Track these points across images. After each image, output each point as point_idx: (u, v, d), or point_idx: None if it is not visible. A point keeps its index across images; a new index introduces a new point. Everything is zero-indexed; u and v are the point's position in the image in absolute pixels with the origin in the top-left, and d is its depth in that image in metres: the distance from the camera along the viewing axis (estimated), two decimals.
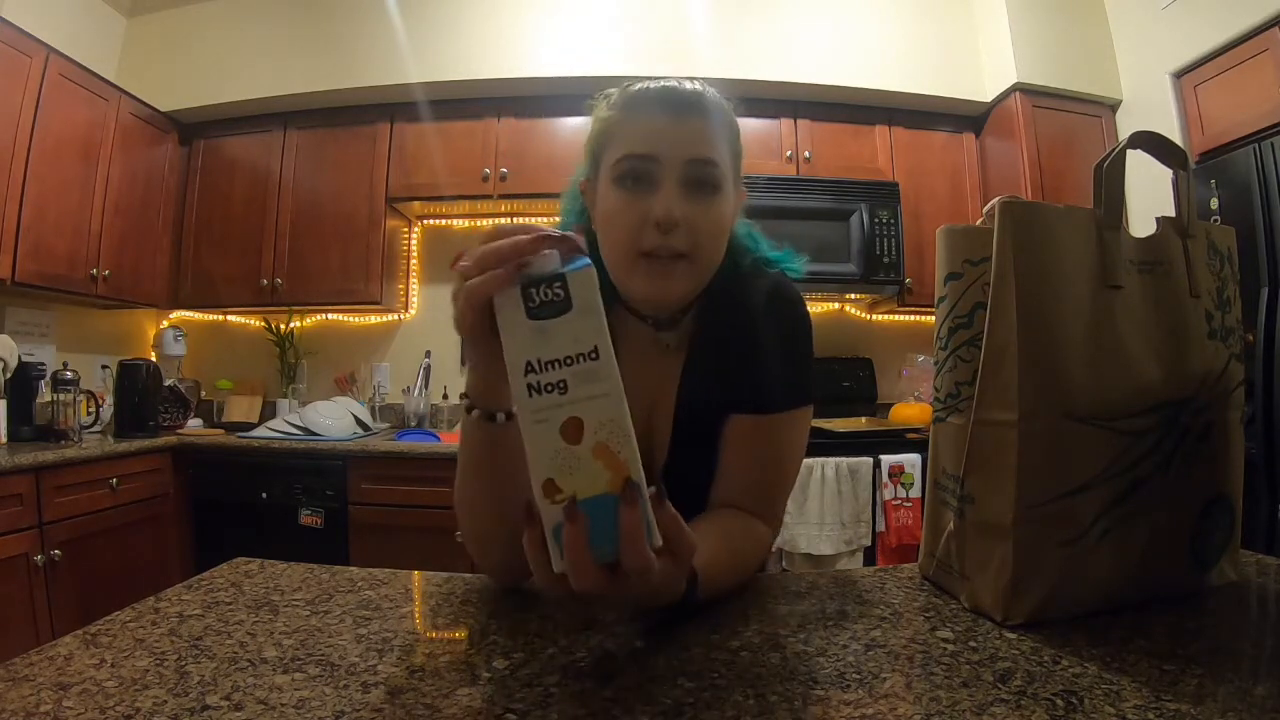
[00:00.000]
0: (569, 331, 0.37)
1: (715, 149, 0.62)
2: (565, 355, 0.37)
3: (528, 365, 0.37)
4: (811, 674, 0.41)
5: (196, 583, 0.58)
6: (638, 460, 0.38)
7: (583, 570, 0.38)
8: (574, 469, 0.37)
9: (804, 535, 2.02)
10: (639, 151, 0.61)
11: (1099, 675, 0.40)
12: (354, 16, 2.57)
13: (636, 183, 0.61)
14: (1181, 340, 0.54)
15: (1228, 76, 2.04)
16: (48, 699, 0.37)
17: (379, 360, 2.83)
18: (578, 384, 0.37)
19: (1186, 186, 0.56)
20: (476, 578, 0.61)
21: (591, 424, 0.37)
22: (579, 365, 0.37)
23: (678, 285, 0.62)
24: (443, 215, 2.80)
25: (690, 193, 0.61)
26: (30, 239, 2.03)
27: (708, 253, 0.63)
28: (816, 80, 2.51)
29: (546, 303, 0.38)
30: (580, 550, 0.38)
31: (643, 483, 0.38)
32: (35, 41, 2.06)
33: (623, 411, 0.38)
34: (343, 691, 0.39)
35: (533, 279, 0.38)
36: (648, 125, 0.61)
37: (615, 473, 0.38)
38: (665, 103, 0.62)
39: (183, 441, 2.27)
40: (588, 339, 0.37)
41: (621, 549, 0.38)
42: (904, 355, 2.68)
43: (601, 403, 0.37)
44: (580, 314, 0.38)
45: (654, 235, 0.60)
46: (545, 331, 0.37)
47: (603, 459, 0.37)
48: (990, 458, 0.51)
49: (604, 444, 0.37)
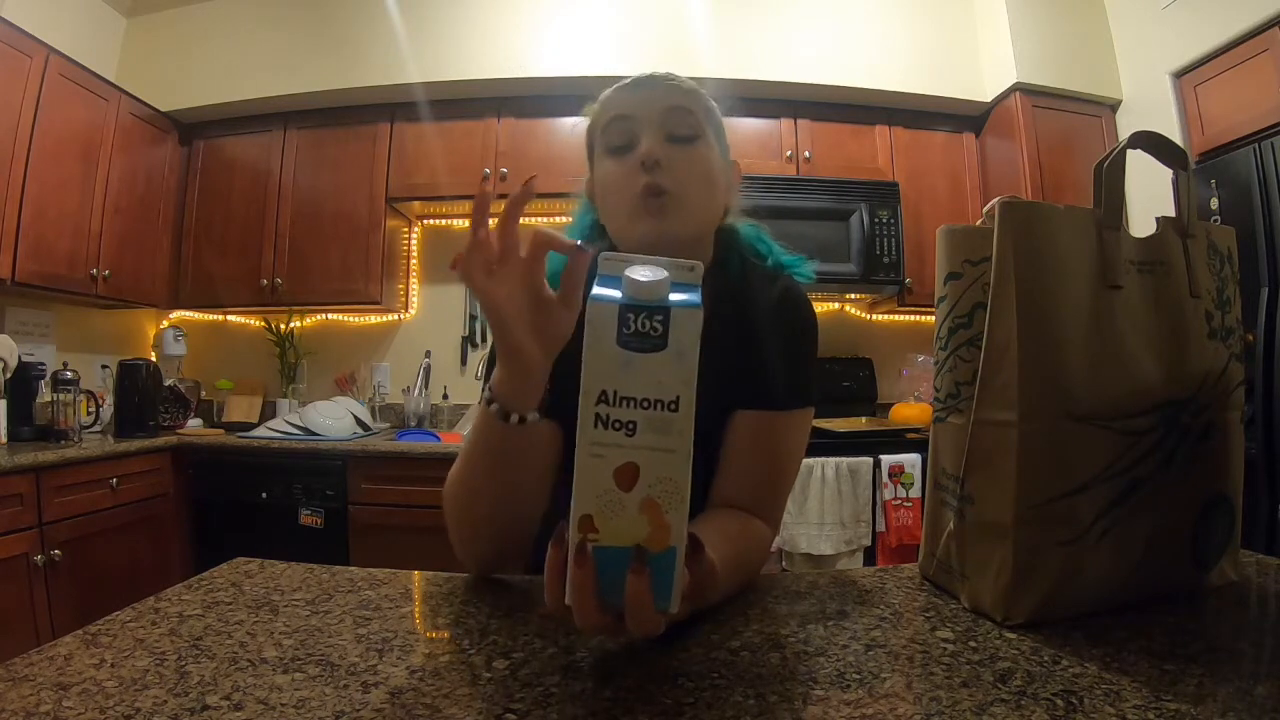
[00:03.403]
0: (656, 372, 0.34)
1: (688, 102, 0.67)
2: (644, 397, 0.35)
3: (602, 395, 0.35)
4: (811, 674, 0.41)
5: (196, 583, 0.58)
6: (683, 528, 0.36)
7: (586, 614, 0.38)
8: (616, 514, 0.35)
9: (804, 535, 2.02)
10: (617, 113, 0.67)
11: (1099, 675, 0.40)
12: (354, 16, 2.57)
13: (622, 149, 0.66)
14: (1181, 340, 0.54)
15: (1228, 76, 2.04)
16: (48, 699, 0.37)
17: (379, 360, 2.83)
18: (647, 431, 0.35)
19: (1186, 186, 0.56)
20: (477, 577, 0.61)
21: (649, 476, 0.35)
22: (655, 412, 0.34)
23: (670, 223, 0.64)
24: (443, 215, 2.80)
25: (671, 140, 0.65)
26: (30, 239, 2.03)
27: (694, 192, 0.65)
28: (816, 80, 2.51)
29: (642, 334, 0.34)
30: (585, 595, 0.37)
31: (681, 551, 0.37)
32: (35, 41, 2.06)
33: (684, 474, 0.35)
34: (343, 691, 0.39)
35: (635, 304, 0.35)
36: (622, 99, 0.68)
37: (656, 530, 0.36)
38: (637, 81, 0.68)
39: (183, 441, 2.27)
40: (673, 387, 0.34)
41: (626, 611, 0.37)
42: (904, 355, 2.68)
43: (666, 458, 0.35)
44: (674, 356, 0.34)
45: (642, 176, 0.64)
46: (631, 364, 0.34)
47: (648, 514, 0.35)
48: (990, 458, 0.51)
49: (654, 500, 0.35)
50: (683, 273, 0.37)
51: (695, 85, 0.69)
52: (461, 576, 0.61)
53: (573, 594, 0.38)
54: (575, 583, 0.37)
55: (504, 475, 0.55)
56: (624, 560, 0.36)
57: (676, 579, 0.37)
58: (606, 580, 0.37)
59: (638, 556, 0.36)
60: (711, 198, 0.68)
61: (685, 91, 0.67)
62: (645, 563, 0.36)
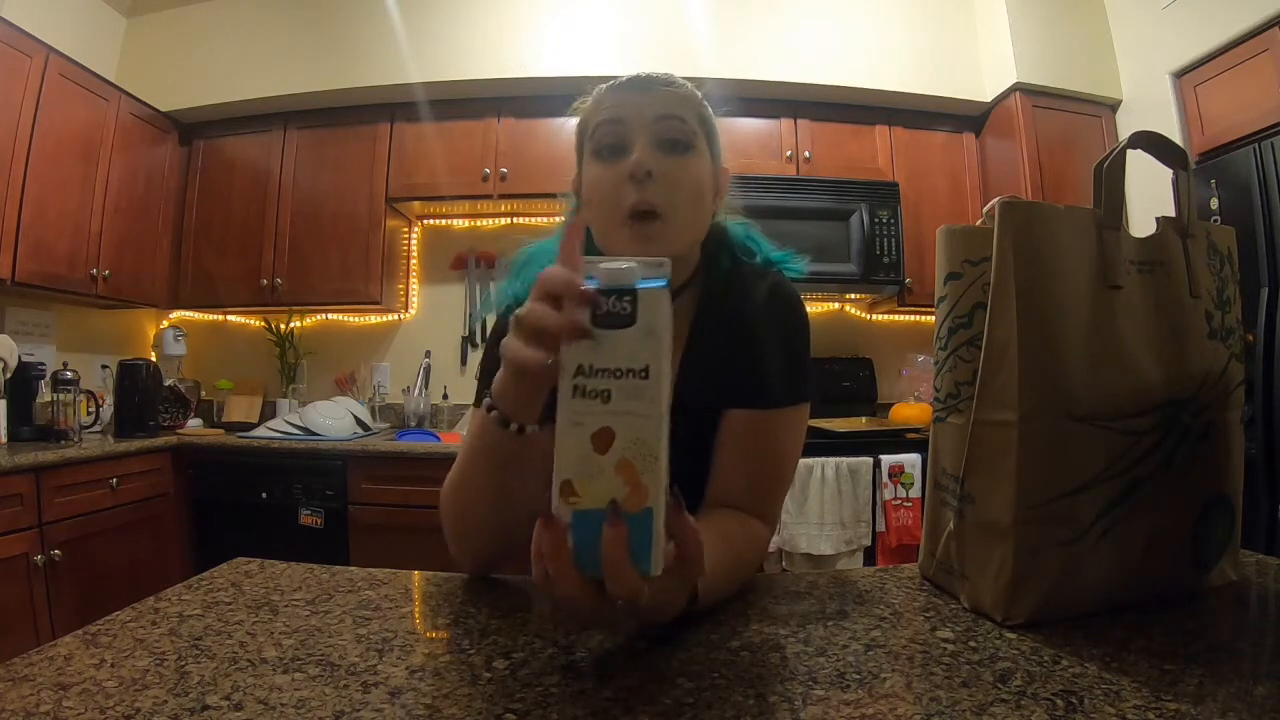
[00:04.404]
0: (626, 346, 0.38)
1: (682, 110, 0.65)
2: (616, 367, 0.38)
3: (579, 368, 0.38)
4: (811, 674, 0.41)
5: (196, 583, 0.58)
6: (660, 489, 0.38)
7: (564, 581, 0.38)
8: (594, 477, 0.37)
9: (804, 535, 2.02)
10: (608, 117, 0.64)
11: (1099, 675, 0.40)
12: (354, 16, 2.57)
13: (612, 152, 0.64)
14: (1181, 340, 0.54)
15: (1228, 76, 2.04)
16: (48, 699, 0.37)
17: (379, 360, 2.83)
18: (621, 397, 0.37)
19: (1186, 186, 0.56)
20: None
21: (623, 439, 0.37)
22: (627, 380, 0.38)
23: (660, 243, 0.63)
24: (443, 215, 2.80)
25: (663, 150, 0.63)
26: (30, 239, 2.03)
27: (684, 209, 0.64)
28: (816, 80, 2.51)
29: (612, 314, 0.38)
30: (561, 560, 0.38)
31: (659, 512, 0.37)
32: (35, 41, 2.06)
33: (658, 437, 0.37)
34: (343, 691, 0.39)
35: (606, 289, 0.39)
36: (615, 100, 0.65)
37: (633, 492, 0.37)
38: (631, 83, 0.66)
39: (183, 441, 2.27)
40: (642, 357, 0.38)
41: (604, 571, 0.37)
42: (904, 355, 2.68)
43: (639, 422, 0.37)
44: (642, 332, 0.38)
45: (632, 191, 0.61)
46: (604, 340, 0.38)
47: (624, 475, 0.37)
48: (990, 458, 0.51)
49: (629, 461, 0.37)
50: (651, 268, 0.40)
51: (691, 91, 0.67)
52: (461, 576, 0.61)
53: (549, 561, 0.38)
54: (548, 548, 0.37)
55: (501, 480, 0.55)
56: (601, 525, 0.37)
57: (655, 540, 0.38)
58: (585, 548, 0.37)
59: (613, 512, 0.37)
60: (700, 213, 0.67)
61: (680, 98, 0.66)
62: (621, 518, 0.37)
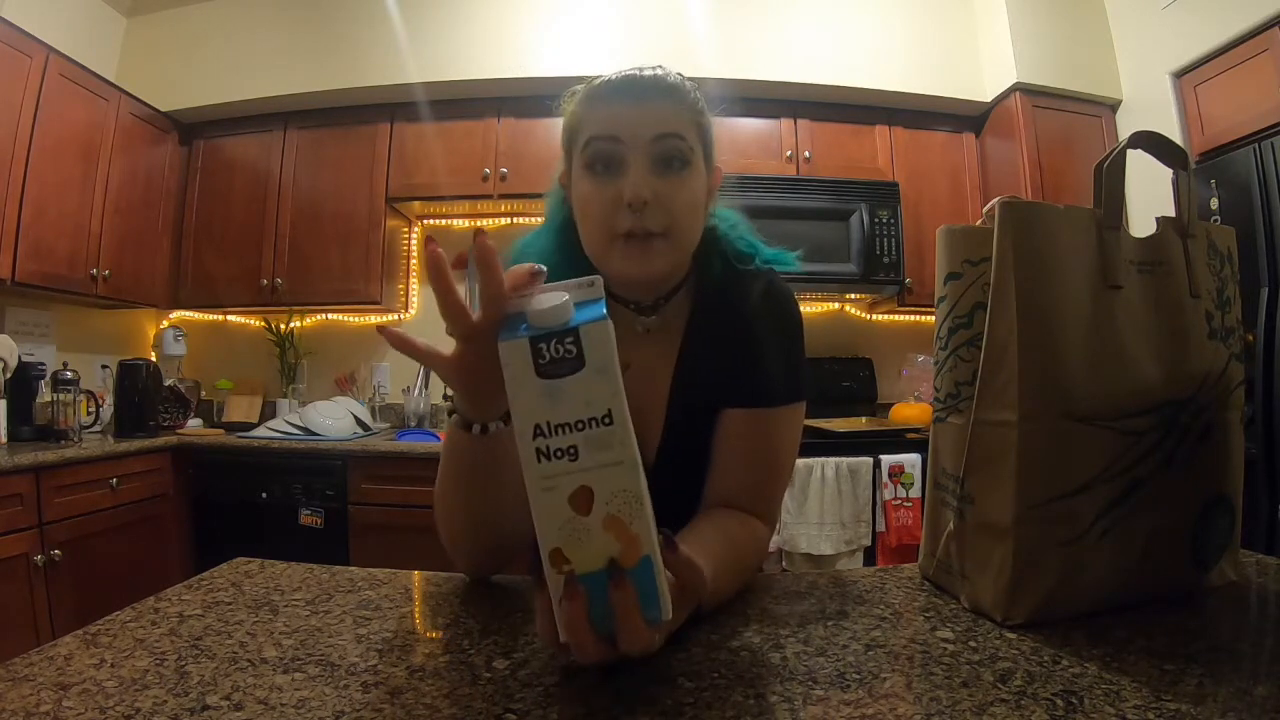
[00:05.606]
0: (581, 393, 0.35)
1: (679, 124, 0.62)
2: (577, 419, 0.35)
3: (536, 429, 0.35)
4: (811, 674, 0.41)
5: (196, 583, 0.58)
6: (651, 533, 0.36)
7: (583, 646, 0.37)
8: (582, 541, 0.35)
9: (804, 535, 2.02)
10: (603, 133, 0.61)
11: (1099, 675, 0.40)
12: (354, 16, 2.57)
13: (606, 168, 0.62)
14: (1181, 340, 0.54)
15: (1228, 76, 2.04)
16: (48, 699, 0.37)
17: (379, 360, 2.83)
18: (589, 450, 0.35)
19: (1186, 186, 0.56)
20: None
21: (603, 494, 0.35)
22: (591, 430, 0.35)
23: (656, 263, 0.62)
24: (443, 215, 2.80)
25: (660, 171, 0.61)
26: (30, 239, 2.03)
27: (683, 229, 0.63)
28: (816, 80, 2.51)
29: (557, 359, 0.35)
30: (580, 628, 0.36)
31: (655, 556, 0.36)
32: (35, 41, 2.06)
33: (636, 481, 0.36)
34: (343, 691, 0.39)
35: (543, 333, 0.35)
36: (609, 111, 0.62)
37: (626, 546, 0.36)
38: (625, 89, 0.63)
39: (183, 441, 2.27)
40: (601, 402, 0.35)
41: (617, 630, 0.37)
42: (904, 355, 2.68)
43: (614, 471, 0.35)
44: (594, 373, 0.35)
45: (627, 217, 0.60)
46: (556, 392, 0.35)
47: (614, 531, 0.35)
48: (990, 458, 0.51)
49: (615, 516, 0.35)
50: (584, 290, 0.37)
51: (685, 90, 0.64)
52: (461, 576, 0.61)
53: (567, 629, 0.37)
54: (569, 617, 0.36)
55: (475, 483, 0.53)
56: (604, 583, 0.36)
57: (660, 585, 0.37)
58: (593, 608, 0.36)
59: (615, 573, 0.36)
60: (696, 225, 0.65)
61: (675, 109, 0.63)
62: (625, 577, 0.36)
